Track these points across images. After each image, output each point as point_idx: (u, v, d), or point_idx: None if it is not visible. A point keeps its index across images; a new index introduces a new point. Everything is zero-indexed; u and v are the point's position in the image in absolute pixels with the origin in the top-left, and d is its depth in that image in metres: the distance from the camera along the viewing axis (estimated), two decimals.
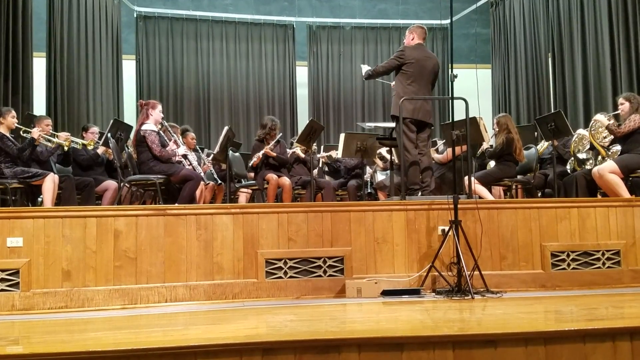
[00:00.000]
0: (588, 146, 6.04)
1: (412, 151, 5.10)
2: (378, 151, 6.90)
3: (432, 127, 5.44)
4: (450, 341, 2.66)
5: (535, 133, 6.80)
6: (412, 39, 5.27)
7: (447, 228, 4.32)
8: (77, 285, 4.05)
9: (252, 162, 6.43)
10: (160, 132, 5.45)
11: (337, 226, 4.41)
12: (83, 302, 4.02)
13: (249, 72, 10.72)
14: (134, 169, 5.70)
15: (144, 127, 5.29)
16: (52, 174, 5.18)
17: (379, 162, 7.27)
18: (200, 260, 4.24)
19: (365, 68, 5.44)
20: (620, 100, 5.55)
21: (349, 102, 10.96)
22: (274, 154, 6.33)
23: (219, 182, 6.41)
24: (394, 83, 5.26)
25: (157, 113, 5.42)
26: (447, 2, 4.70)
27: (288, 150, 6.82)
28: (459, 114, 4.71)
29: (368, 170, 7.46)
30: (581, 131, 6.24)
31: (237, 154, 6.95)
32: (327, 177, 7.76)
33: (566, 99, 8.60)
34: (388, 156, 6.40)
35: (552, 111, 7.67)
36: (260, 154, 6.31)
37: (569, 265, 4.55)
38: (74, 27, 8.67)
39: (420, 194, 5.13)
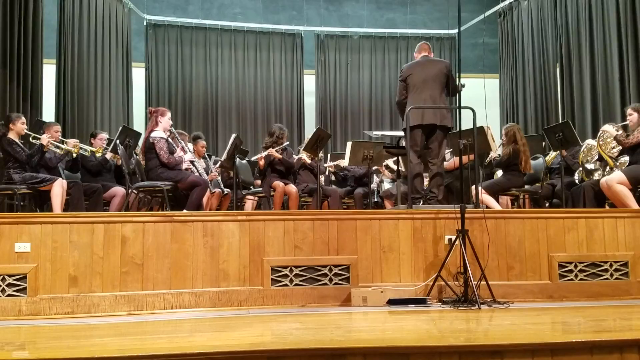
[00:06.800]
0: (596, 157, 6.00)
1: (415, 161, 5.14)
2: (385, 163, 6.90)
3: (449, 130, 5.26)
4: (457, 352, 2.65)
5: (543, 143, 6.77)
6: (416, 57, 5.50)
7: (453, 237, 4.30)
8: (84, 291, 4.06)
9: (256, 157, 6.50)
10: (169, 139, 5.49)
11: (344, 234, 4.40)
12: (89, 308, 4.03)
13: (257, 80, 10.77)
14: (142, 176, 5.73)
15: (153, 134, 5.32)
16: (60, 179, 5.21)
17: (387, 174, 7.27)
18: (206, 267, 4.24)
19: None
20: (629, 111, 5.53)
21: (356, 111, 10.98)
22: (279, 156, 6.34)
23: (225, 192, 6.42)
24: None
25: (166, 120, 5.46)
26: (456, 12, 4.71)
27: (294, 156, 6.83)
28: (466, 123, 4.71)
29: (375, 178, 7.45)
30: (589, 141, 6.22)
31: (244, 161, 6.97)
32: (333, 186, 7.75)
33: (574, 109, 8.56)
34: (395, 167, 6.39)
35: (560, 121, 7.65)
36: (263, 154, 6.32)
37: (576, 276, 4.52)
38: (84, 35, 8.73)
39: (421, 202, 5.12)
